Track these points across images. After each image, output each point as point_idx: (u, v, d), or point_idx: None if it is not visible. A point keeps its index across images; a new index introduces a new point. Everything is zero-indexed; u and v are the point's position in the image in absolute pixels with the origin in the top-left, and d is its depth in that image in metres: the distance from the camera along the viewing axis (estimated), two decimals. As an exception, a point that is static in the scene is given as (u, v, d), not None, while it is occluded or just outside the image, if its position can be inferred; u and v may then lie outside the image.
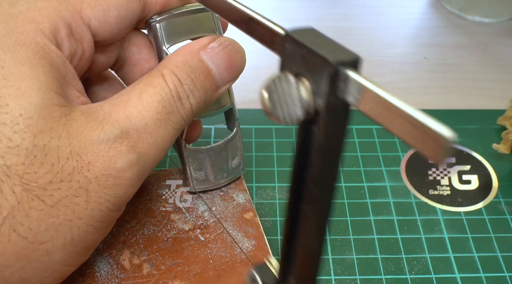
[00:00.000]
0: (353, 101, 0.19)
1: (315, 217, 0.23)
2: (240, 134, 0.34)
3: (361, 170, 0.38)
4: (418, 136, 0.17)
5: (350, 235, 0.34)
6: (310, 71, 0.20)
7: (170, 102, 0.26)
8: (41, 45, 0.24)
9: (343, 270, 0.32)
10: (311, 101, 0.20)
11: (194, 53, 0.27)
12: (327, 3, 0.58)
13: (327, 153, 0.21)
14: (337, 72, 0.19)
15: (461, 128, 0.42)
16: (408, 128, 0.17)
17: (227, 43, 0.28)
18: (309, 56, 0.20)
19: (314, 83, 0.20)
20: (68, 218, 0.23)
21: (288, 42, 0.21)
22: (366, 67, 0.49)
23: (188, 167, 0.33)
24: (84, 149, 0.23)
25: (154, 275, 0.29)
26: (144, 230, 0.32)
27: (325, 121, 0.20)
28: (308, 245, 0.24)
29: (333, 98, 0.20)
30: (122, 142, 0.24)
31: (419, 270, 0.32)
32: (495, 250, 0.33)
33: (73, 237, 0.24)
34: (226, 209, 0.33)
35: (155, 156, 0.26)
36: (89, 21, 0.26)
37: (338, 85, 0.20)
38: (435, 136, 0.16)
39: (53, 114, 0.23)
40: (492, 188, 0.37)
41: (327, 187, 0.23)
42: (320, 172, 0.22)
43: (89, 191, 0.24)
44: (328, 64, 0.19)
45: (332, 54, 0.19)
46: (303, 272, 0.25)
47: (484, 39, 0.53)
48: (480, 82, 0.48)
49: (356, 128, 0.41)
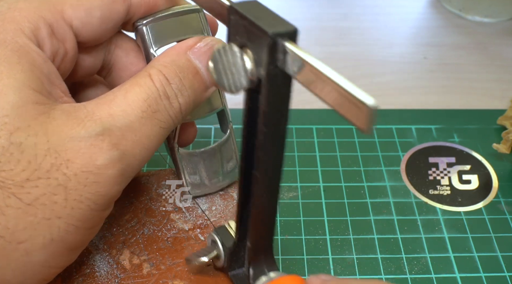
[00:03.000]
0: (292, 71, 0.20)
1: (264, 181, 0.24)
2: (234, 136, 0.34)
3: (361, 170, 0.38)
4: (347, 105, 0.18)
5: (350, 235, 0.34)
6: (252, 42, 0.21)
7: (157, 101, 0.25)
8: (21, 44, 0.24)
9: (343, 270, 0.32)
10: (254, 71, 0.21)
11: (181, 53, 0.27)
12: (327, 3, 0.58)
13: (270, 119, 0.22)
14: (275, 43, 0.20)
15: (461, 128, 0.42)
16: (338, 98, 0.18)
17: (213, 42, 0.27)
18: (251, 28, 0.21)
19: (256, 54, 0.21)
20: (46, 217, 0.23)
21: (233, 13, 0.22)
22: (366, 67, 0.49)
23: (182, 171, 0.33)
24: (63, 146, 0.23)
25: (154, 274, 0.29)
26: (144, 229, 0.32)
27: (267, 89, 0.21)
28: (260, 208, 0.25)
29: (272, 68, 0.21)
30: (104, 139, 0.24)
31: (419, 270, 0.32)
32: (495, 250, 0.33)
33: (53, 237, 0.23)
34: (226, 208, 0.33)
35: (141, 154, 0.25)
36: (71, 22, 0.26)
37: (277, 56, 0.20)
38: (359, 104, 0.17)
39: (30, 112, 0.23)
40: (492, 187, 0.37)
41: (273, 152, 0.24)
42: (265, 137, 0.23)
43: (68, 188, 0.23)
44: (266, 35, 0.20)
45: (271, 26, 0.20)
46: (257, 233, 0.26)
47: (484, 39, 0.53)
48: (480, 82, 0.48)
49: (356, 128, 0.41)
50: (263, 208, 0.25)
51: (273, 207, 0.26)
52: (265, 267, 0.27)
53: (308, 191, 0.36)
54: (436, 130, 0.41)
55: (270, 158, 0.24)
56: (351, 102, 0.17)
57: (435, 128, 0.41)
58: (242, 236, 0.27)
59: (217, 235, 0.28)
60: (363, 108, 0.17)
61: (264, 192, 0.25)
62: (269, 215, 0.26)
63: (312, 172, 0.38)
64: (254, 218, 0.26)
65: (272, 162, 0.24)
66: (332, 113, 0.41)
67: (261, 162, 0.24)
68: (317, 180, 0.37)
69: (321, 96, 0.19)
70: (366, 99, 0.17)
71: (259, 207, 0.25)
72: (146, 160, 0.26)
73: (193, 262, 0.28)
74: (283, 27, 0.20)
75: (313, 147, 0.40)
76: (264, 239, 0.27)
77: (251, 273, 0.27)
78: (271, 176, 0.24)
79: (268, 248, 0.27)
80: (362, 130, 0.17)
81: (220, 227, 0.29)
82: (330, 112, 0.37)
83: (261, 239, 0.26)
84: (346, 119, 0.18)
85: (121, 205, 0.33)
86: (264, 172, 0.24)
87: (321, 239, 0.33)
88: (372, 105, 0.17)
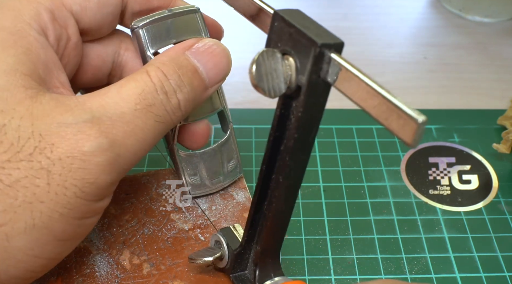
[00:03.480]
0: (333, 81, 0.21)
1: (285, 186, 0.25)
2: (235, 136, 0.34)
3: (361, 170, 0.38)
4: (394, 120, 0.18)
5: (350, 234, 0.34)
6: (296, 49, 0.22)
7: (153, 95, 0.25)
8: (18, 29, 0.24)
9: (343, 270, 0.32)
10: (294, 78, 0.22)
11: (179, 52, 0.27)
12: (327, 3, 0.58)
13: (303, 126, 0.23)
14: (322, 54, 0.21)
15: (461, 128, 0.42)
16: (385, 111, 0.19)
17: (211, 43, 0.28)
18: (297, 36, 0.21)
19: (299, 61, 0.22)
20: (28, 200, 0.22)
21: (278, 20, 0.22)
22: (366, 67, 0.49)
23: (182, 172, 0.33)
24: (48, 130, 0.23)
25: (154, 275, 0.29)
26: (144, 229, 0.32)
27: (306, 97, 0.22)
28: (277, 212, 0.26)
29: (314, 77, 0.21)
30: (93, 126, 0.23)
31: (419, 270, 0.32)
32: (495, 250, 0.33)
33: (34, 222, 0.23)
34: (226, 208, 0.33)
35: (134, 146, 0.25)
36: (70, 7, 0.26)
37: (321, 66, 0.21)
38: (408, 120, 0.18)
39: (16, 95, 0.23)
40: (492, 187, 0.37)
41: (299, 158, 0.24)
42: (295, 143, 0.23)
43: (52, 173, 0.23)
44: (315, 45, 0.21)
45: (319, 37, 0.21)
46: (269, 237, 0.26)
47: (484, 39, 0.53)
48: (480, 82, 0.48)
49: (356, 128, 0.41)
50: (280, 212, 0.26)
51: (288, 212, 0.26)
52: (271, 271, 0.27)
53: (308, 191, 0.36)
54: (436, 130, 0.41)
55: (296, 164, 0.24)
56: (400, 117, 0.18)
57: (435, 128, 0.41)
58: (249, 239, 0.27)
59: (223, 236, 0.28)
60: (412, 124, 0.18)
61: (284, 196, 0.25)
62: (284, 219, 0.26)
63: (312, 172, 0.38)
64: (269, 221, 0.26)
65: (297, 168, 0.24)
66: (332, 114, 0.41)
67: (286, 167, 0.24)
68: (317, 180, 0.37)
69: (366, 108, 0.20)
70: (416, 115, 0.17)
71: (276, 211, 0.25)
72: (141, 153, 0.25)
73: (196, 261, 0.28)
74: (331, 39, 0.21)
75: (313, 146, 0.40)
76: (275, 243, 0.27)
77: (257, 276, 0.27)
78: (293, 181, 0.25)
79: (276, 252, 0.27)
80: (408, 144, 0.18)
81: (225, 228, 0.29)
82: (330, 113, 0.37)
83: (272, 242, 0.27)
84: (390, 131, 0.19)
85: (121, 205, 0.33)
86: (287, 177, 0.24)
87: (321, 239, 0.33)
88: (422, 121, 0.17)
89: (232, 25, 0.26)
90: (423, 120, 0.17)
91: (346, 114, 0.42)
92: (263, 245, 0.27)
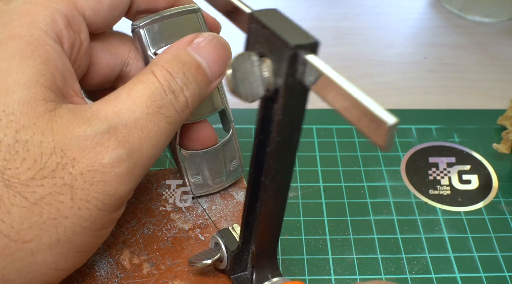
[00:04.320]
0: (310, 83, 0.20)
1: (273, 189, 0.24)
2: (236, 135, 0.34)
3: (361, 170, 0.38)
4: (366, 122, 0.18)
5: (350, 234, 0.34)
6: (272, 52, 0.21)
7: (161, 95, 0.25)
8: (36, 38, 0.24)
9: (343, 269, 0.32)
10: (272, 81, 0.21)
11: (180, 49, 0.27)
12: (327, 3, 0.58)
13: (284, 129, 0.22)
14: (296, 55, 0.20)
15: (461, 128, 0.42)
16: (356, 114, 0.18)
17: (211, 37, 0.27)
18: (272, 38, 0.21)
19: (276, 64, 0.21)
20: (52, 216, 0.23)
21: (253, 22, 0.22)
22: (366, 67, 0.49)
23: (184, 172, 0.33)
24: (69, 145, 0.23)
25: (154, 274, 0.29)
26: (144, 229, 0.32)
27: (284, 100, 0.21)
28: (267, 214, 0.25)
29: (291, 79, 0.21)
30: (110, 137, 0.23)
31: (419, 270, 0.32)
32: (495, 250, 0.33)
33: (59, 237, 0.23)
34: (226, 207, 0.33)
35: (149, 151, 0.25)
36: (83, 12, 0.26)
37: (296, 68, 0.20)
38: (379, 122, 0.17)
39: (36, 109, 0.23)
40: (492, 187, 0.37)
41: (284, 161, 0.24)
42: (277, 146, 0.23)
43: (74, 188, 0.23)
44: (288, 47, 0.20)
45: (293, 38, 0.20)
46: (263, 239, 0.26)
47: (484, 39, 0.53)
48: (480, 82, 0.48)
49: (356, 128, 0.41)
50: (270, 215, 0.25)
51: (280, 214, 0.26)
52: (269, 272, 0.27)
53: (308, 191, 0.36)
54: (436, 130, 0.41)
55: (281, 167, 0.24)
56: (371, 119, 0.17)
57: (435, 128, 0.41)
58: (246, 240, 0.27)
59: (221, 238, 0.28)
60: (382, 126, 0.17)
61: (272, 199, 0.25)
62: (276, 221, 0.26)
63: (312, 172, 0.38)
64: (260, 223, 0.26)
65: (283, 171, 0.24)
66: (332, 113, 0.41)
67: (271, 170, 0.24)
68: (317, 180, 0.37)
69: (339, 110, 0.19)
70: (386, 117, 0.17)
71: (266, 213, 0.25)
72: (155, 157, 0.26)
73: (196, 265, 0.28)
74: (305, 39, 0.20)
75: (313, 146, 0.40)
76: (269, 245, 0.27)
77: (254, 277, 0.27)
78: (280, 184, 0.24)
79: (272, 253, 0.27)
80: (380, 148, 0.17)
81: (224, 230, 0.29)
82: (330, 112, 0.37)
83: (266, 244, 0.27)
84: (363, 134, 0.18)
85: (121, 205, 0.33)
86: (273, 179, 0.24)
87: (321, 239, 0.33)
88: (392, 123, 0.17)
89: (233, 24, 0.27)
90: (394, 122, 0.17)
91: (346, 114, 0.42)
92: (258, 247, 0.26)
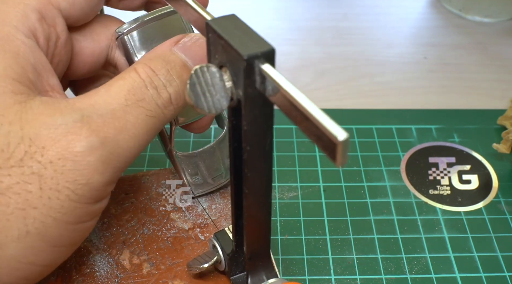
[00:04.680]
0: (269, 93, 0.19)
1: (253, 196, 0.24)
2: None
3: (361, 170, 0.38)
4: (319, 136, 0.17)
5: (350, 234, 0.34)
6: (229, 62, 0.20)
7: (142, 90, 0.25)
8: (5, 33, 0.24)
9: (343, 269, 0.32)
10: (234, 91, 0.20)
11: (165, 49, 0.26)
12: (327, 3, 0.58)
13: (253, 138, 0.21)
14: (251, 66, 0.19)
15: (461, 128, 0.42)
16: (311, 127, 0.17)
17: (198, 37, 0.27)
18: (227, 48, 0.20)
19: (234, 74, 0.20)
20: (20, 207, 0.22)
21: (210, 32, 0.21)
22: (366, 67, 0.49)
23: (183, 173, 0.33)
24: (38, 134, 0.22)
25: (154, 274, 0.29)
26: (144, 229, 0.32)
27: (246, 111, 0.20)
28: (252, 220, 0.25)
29: (250, 90, 0.20)
30: (83, 126, 0.23)
31: (419, 270, 0.32)
32: (495, 250, 0.33)
33: (28, 229, 0.22)
34: (226, 206, 0.33)
35: (127, 142, 0.24)
36: (58, 5, 0.26)
37: (254, 78, 0.19)
38: (330, 137, 0.16)
39: (5, 101, 0.23)
40: (492, 187, 0.37)
41: (259, 169, 0.23)
42: (249, 155, 0.22)
43: (44, 177, 0.22)
44: (241, 57, 0.19)
45: (246, 47, 0.19)
46: (252, 243, 0.26)
47: (484, 39, 0.53)
48: (480, 82, 0.48)
49: (356, 128, 0.41)
50: (255, 219, 0.25)
51: (265, 219, 0.25)
52: (264, 274, 0.27)
53: (308, 191, 0.36)
54: (436, 130, 0.41)
55: (257, 175, 0.23)
56: (324, 134, 0.16)
57: (435, 128, 0.41)
58: (239, 243, 0.27)
59: (217, 241, 0.28)
60: (333, 142, 0.16)
61: (254, 204, 0.24)
62: (262, 226, 0.26)
63: (312, 172, 0.38)
64: (248, 228, 0.25)
65: (259, 178, 0.23)
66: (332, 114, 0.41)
67: (248, 179, 0.23)
68: (317, 180, 0.37)
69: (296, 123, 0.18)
70: (338, 132, 0.16)
71: (251, 218, 0.25)
72: (135, 150, 0.25)
73: (194, 270, 0.28)
74: (259, 47, 0.19)
75: (313, 146, 0.40)
76: (260, 248, 0.26)
77: (249, 281, 0.27)
78: (259, 191, 0.24)
79: (265, 256, 0.27)
80: (334, 164, 0.16)
81: (220, 231, 0.29)
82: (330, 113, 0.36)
83: (257, 247, 0.26)
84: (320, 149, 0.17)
85: (121, 204, 0.33)
86: (252, 187, 0.23)
87: (321, 239, 0.33)
88: (343, 139, 0.16)
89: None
90: (344, 139, 0.16)
91: (346, 114, 0.42)
92: (250, 251, 0.26)
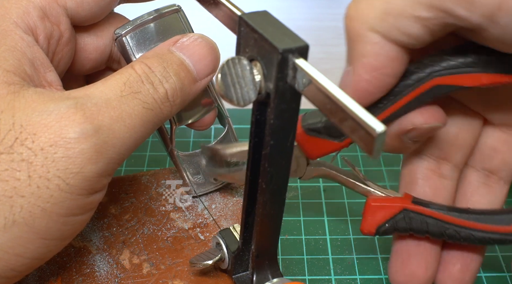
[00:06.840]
0: (301, 87, 0.20)
1: (269, 191, 0.24)
2: (233, 129, 0.34)
3: (361, 170, 0.38)
4: (355, 129, 0.17)
5: (350, 235, 0.34)
6: (262, 56, 0.21)
7: (138, 83, 0.24)
8: (4, 28, 0.24)
9: (343, 270, 0.32)
10: (263, 84, 0.21)
11: (163, 48, 0.27)
12: (327, 3, 0.58)
13: (278, 132, 0.22)
14: (285, 60, 0.20)
15: (461, 128, 0.42)
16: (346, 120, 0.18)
17: (196, 37, 0.27)
18: (261, 42, 0.20)
19: (266, 68, 0.21)
20: (7, 194, 0.22)
21: (243, 26, 0.21)
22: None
23: (185, 173, 0.33)
24: (29, 120, 0.22)
25: (154, 274, 0.29)
26: (144, 229, 0.32)
27: (275, 104, 0.21)
28: (265, 216, 0.25)
29: (281, 84, 0.20)
30: (77, 112, 0.22)
31: (419, 270, 0.32)
32: (495, 250, 0.33)
33: (14, 218, 0.22)
34: (226, 206, 0.33)
35: (122, 132, 0.23)
36: (64, 4, 0.26)
37: (286, 72, 0.20)
38: (367, 129, 0.17)
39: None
40: (492, 188, 0.37)
41: (279, 163, 0.23)
42: (271, 149, 0.23)
43: (33, 164, 0.22)
44: (276, 51, 0.20)
45: (281, 42, 0.20)
46: (262, 240, 0.26)
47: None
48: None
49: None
50: (268, 216, 0.25)
51: (278, 215, 0.26)
52: (269, 273, 0.27)
53: (308, 191, 0.36)
54: (436, 130, 0.41)
55: (276, 169, 0.23)
56: (359, 126, 0.17)
57: (435, 129, 0.41)
58: (246, 241, 0.27)
59: (222, 238, 0.28)
60: (371, 134, 0.16)
61: (269, 201, 0.25)
62: (274, 222, 0.26)
63: (312, 171, 0.38)
64: (259, 225, 0.25)
65: (278, 173, 0.24)
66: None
67: (266, 172, 0.23)
68: (317, 180, 0.37)
69: (330, 117, 0.19)
70: (375, 125, 0.16)
71: (264, 214, 0.25)
72: (131, 142, 0.24)
73: (197, 266, 0.28)
74: (294, 42, 0.20)
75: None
76: (269, 246, 0.27)
77: (254, 278, 0.27)
78: (276, 186, 0.24)
79: (272, 254, 0.27)
80: (369, 156, 0.17)
81: (225, 230, 0.29)
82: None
83: (266, 245, 0.26)
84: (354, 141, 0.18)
85: (121, 204, 0.33)
86: (270, 182, 0.24)
87: (321, 239, 0.33)
88: (380, 131, 0.16)
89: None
90: (382, 131, 0.16)
91: (346, 114, 0.42)
92: (258, 249, 0.26)
